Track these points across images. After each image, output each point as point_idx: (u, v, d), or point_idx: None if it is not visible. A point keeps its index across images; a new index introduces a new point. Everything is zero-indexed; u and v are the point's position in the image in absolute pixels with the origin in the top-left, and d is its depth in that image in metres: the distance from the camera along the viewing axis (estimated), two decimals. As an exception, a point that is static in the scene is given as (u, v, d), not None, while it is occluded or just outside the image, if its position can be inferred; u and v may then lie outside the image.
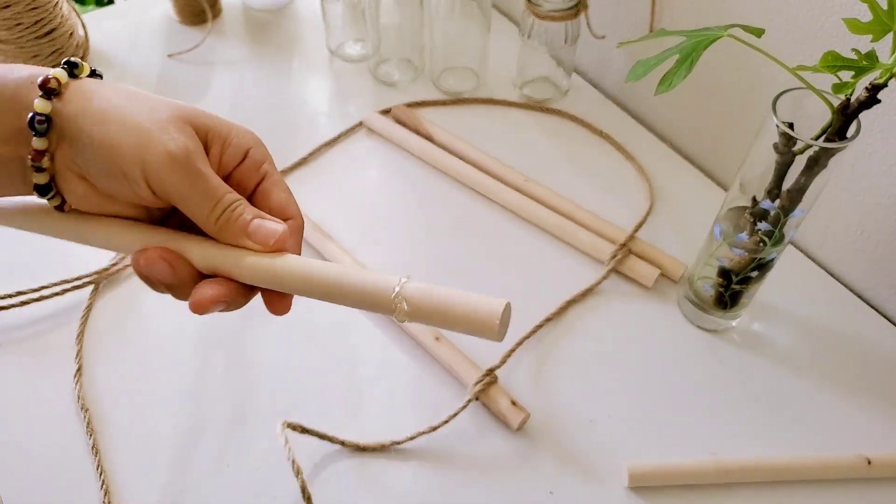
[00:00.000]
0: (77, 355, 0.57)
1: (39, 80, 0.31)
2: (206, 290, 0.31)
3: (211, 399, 0.55)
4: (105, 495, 0.50)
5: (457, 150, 0.72)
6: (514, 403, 0.53)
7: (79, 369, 0.56)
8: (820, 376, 0.57)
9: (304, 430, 0.51)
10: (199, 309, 0.31)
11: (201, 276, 0.33)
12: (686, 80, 0.43)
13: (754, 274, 0.53)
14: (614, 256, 0.62)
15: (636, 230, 0.64)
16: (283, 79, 0.83)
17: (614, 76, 0.80)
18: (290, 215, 0.35)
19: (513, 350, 0.56)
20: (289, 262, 0.32)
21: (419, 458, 0.52)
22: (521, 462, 0.52)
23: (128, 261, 0.63)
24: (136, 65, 0.84)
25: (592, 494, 0.50)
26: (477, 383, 0.53)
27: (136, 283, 0.62)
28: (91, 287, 0.61)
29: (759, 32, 0.44)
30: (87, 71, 0.33)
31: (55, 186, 0.32)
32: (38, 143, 0.31)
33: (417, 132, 0.74)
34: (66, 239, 0.34)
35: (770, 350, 0.58)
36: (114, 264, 0.63)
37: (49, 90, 0.31)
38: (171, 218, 0.35)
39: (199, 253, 0.32)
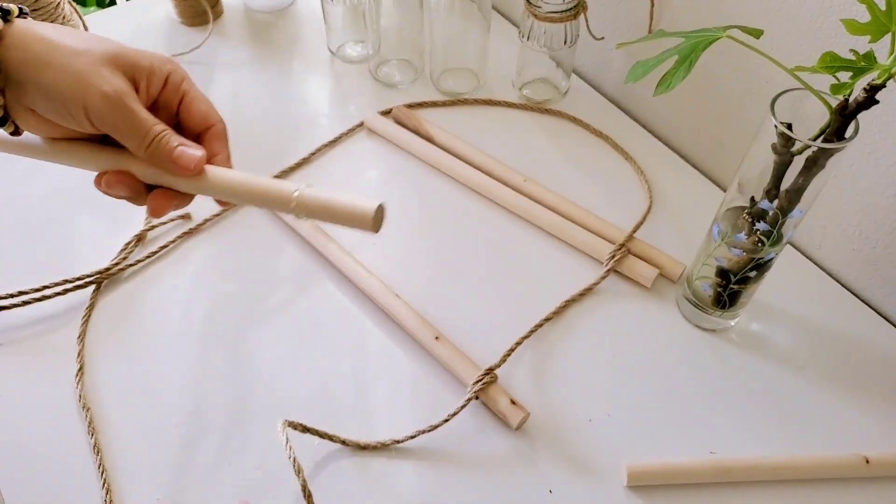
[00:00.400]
0: (78, 355, 0.57)
1: None
2: (157, 199, 0.39)
3: (212, 398, 0.55)
4: (107, 494, 0.50)
5: (456, 151, 0.73)
6: (513, 402, 0.53)
7: (80, 368, 0.57)
8: (818, 376, 0.57)
9: (304, 429, 0.51)
10: (157, 213, 0.39)
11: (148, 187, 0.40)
12: (685, 81, 0.44)
13: (753, 274, 0.53)
14: (613, 256, 0.62)
15: (635, 230, 0.64)
16: (284, 80, 0.83)
17: (613, 77, 0.80)
18: (212, 122, 0.42)
19: (512, 350, 0.57)
20: (213, 174, 0.39)
21: (419, 457, 0.52)
22: (521, 461, 0.52)
23: (130, 260, 0.63)
24: (137, 66, 0.84)
25: (591, 493, 0.51)
26: (476, 382, 0.54)
27: (138, 284, 0.63)
28: (93, 287, 0.62)
29: (757, 33, 0.44)
30: (16, 13, 0.36)
31: (10, 117, 0.37)
32: None
33: (417, 133, 0.75)
34: (40, 159, 0.40)
35: (768, 349, 0.59)
36: (115, 264, 0.63)
37: None
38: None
39: (142, 171, 0.39)
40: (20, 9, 0.37)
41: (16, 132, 0.38)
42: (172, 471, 0.51)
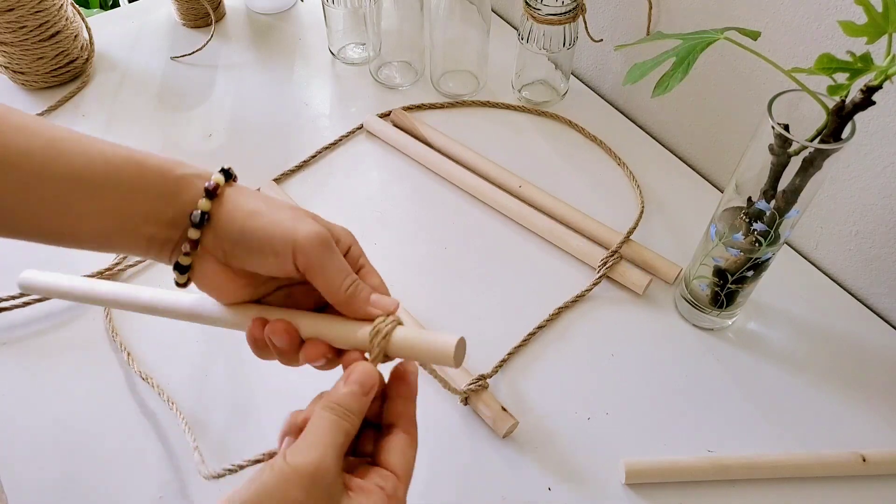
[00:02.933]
0: (121, 347, 0.58)
1: (208, 183, 0.38)
2: (314, 348, 0.39)
3: (213, 396, 0.56)
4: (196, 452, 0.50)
5: (452, 154, 0.73)
6: (504, 409, 0.53)
7: (129, 355, 0.57)
8: (815, 374, 0.57)
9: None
10: (311, 359, 0.39)
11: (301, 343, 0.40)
12: (683, 83, 0.44)
13: (750, 274, 0.53)
14: (605, 263, 0.62)
15: (627, 236, 0.64)
16: (286, 81, 0.84)
17: (612, 79, 0.80)
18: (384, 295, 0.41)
19: (504, 360, 0.57)
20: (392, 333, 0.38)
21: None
22: (521, 459, 0.52)
23: (129, 261, 0.64)
24: (139, 67, 0.85)
25: (590, 491, 0.51)
26: (469, 385, 0.53)
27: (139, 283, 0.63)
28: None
29: (755, 35, 0.45)
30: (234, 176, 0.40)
31: (192, 268, 0.39)
32: (193, 233, 0.37)
33: (415, 136, 0.75)
34: (199, 322, 0.42)
35: (766, 348, 0.59)
36: (116, 264, 0.63)
37: (212, 192, 0.38)
38: (272, 295, 0.42)
39: (307, 323, 0.39)
40: (233, 174, 0.40)
41: (184, 285, 0.40)
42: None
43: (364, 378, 0.36)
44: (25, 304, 0.60)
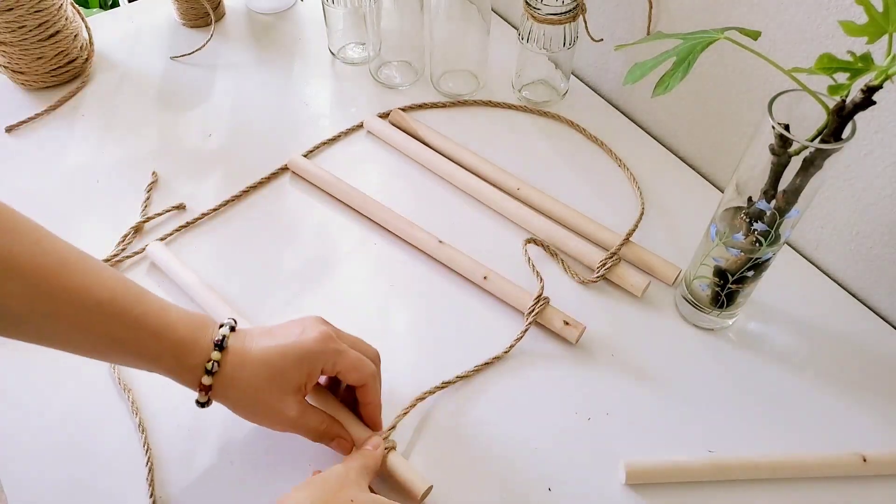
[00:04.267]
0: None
1: (216, 338, 0.46)
2: (344, 445, 0.50)
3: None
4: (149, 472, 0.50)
5: (450, 154, 0.73)
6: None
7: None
8: (815, 374, 0.57)
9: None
10: (338, 450, 0.50)
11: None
12: (683, 83, 0.44)
13: (750, 274, 0.53)
14: (604, 265, 0.62)
15: (627, 238, 0.64)
16: (285, 81, 0.84)
17: (612, 79, 0.80)
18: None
19: (512, 347, 0.57)
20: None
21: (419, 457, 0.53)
22: (520, 458, 0.52)
23: (128, 252, 0.65)
24: (139, 67, 0.85)
25: (590, 491, 0.51)
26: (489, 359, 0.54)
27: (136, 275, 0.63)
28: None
29: (755, 35, 0.45)
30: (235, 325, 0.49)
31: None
32: (206, 379, 0.46)
33: (414, 136, 0.75)
34: None
35: (766, 349, 0.59)
36: (114, 255, 0.64)
37: (219, 344, 0.46)
38: None
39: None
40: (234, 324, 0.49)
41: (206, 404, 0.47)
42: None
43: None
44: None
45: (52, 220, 0.66)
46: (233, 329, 0.48)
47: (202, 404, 0.47)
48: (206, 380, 0.46)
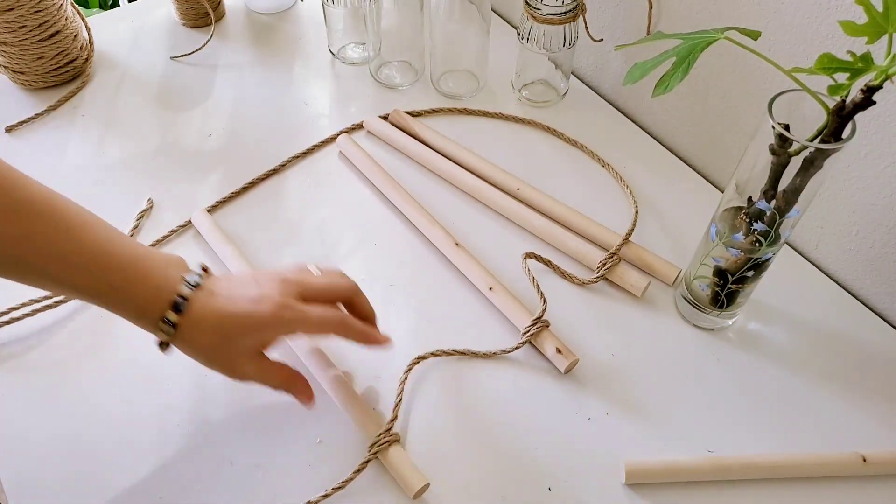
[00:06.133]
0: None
1: (189, 277, 0.47)
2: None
3: (213, 397, 0.56)
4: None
5: (451, 155, 0.73)
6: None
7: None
8: (815, 374, 0.57)
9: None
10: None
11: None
12: (683, 83, 0.44)
13: (750, 274, 0.53)
14: (604, 265, 0.62)
15: (626, 237, 0.64)
16: (285, 81, 0.84)
17: (612, 79, 0.80)
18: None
19: (515, 348, 0.57)
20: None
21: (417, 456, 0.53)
22: (519, 458, 0.52)
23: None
24: (139, 67, 0.85)
25: (590, 491, 0.51)
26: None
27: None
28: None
29: (755, 35, 0.45)
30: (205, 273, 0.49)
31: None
32: (162, 336, 0.47)
33: (414, 136, 0.75)
34: None
35: (766, 349, 0.59)
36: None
37: (177, 307, 0.46)
38: None
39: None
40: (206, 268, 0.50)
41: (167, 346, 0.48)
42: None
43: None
44: (26, 315, 0.60)
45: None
46: (198, 285, 0.47)
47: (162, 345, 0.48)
48: (162, 336, 0.46)
